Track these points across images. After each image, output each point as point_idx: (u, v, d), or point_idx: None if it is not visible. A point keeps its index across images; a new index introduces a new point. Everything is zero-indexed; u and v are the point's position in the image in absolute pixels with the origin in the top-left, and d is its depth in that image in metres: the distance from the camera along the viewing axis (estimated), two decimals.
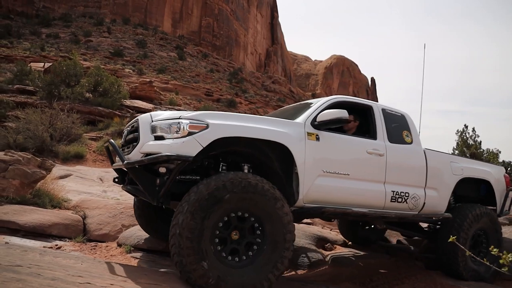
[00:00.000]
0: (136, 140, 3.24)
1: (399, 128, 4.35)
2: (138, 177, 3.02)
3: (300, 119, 3.67)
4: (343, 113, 3.50)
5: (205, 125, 2.98)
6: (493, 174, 5.16)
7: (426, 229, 5.19)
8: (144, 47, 60.38)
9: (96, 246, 4.73)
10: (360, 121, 4.40)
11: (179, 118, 3.05)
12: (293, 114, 3.92)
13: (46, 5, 70.53)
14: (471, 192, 5.17)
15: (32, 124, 11.45)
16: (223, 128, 3.05)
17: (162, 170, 2.95)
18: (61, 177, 7.99)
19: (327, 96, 4.57)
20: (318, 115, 3.63)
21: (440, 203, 4.49)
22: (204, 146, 2.90)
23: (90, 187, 7.86)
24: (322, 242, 5.78)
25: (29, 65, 27.38)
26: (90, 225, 5.22)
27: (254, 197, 2.92)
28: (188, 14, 79.26)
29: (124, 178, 3.90)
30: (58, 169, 8.34)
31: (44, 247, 4.14)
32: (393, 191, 4.00)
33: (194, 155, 2.87)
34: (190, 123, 2.97)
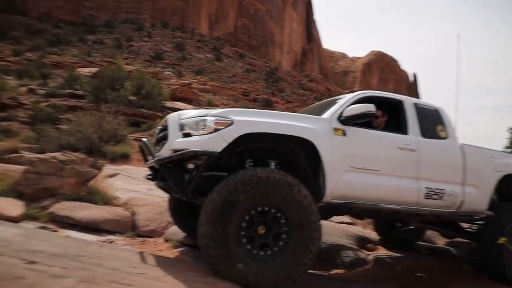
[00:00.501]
0: (166, 138, 3.38)
1: (433, 122, 4.20)
2: (168, 173, 3.16)
3: (326, 114, 3.66)
4: (369, 107, 3.46)
5: (230, 122, 3.06)
6: None
7: (469, 229, 4.98)
8: (182, 49, 62.06)
9: (144, 241, 5.01)
10: (390, 116, 4.31)
11: (205, 116, 3.16)
12: (320, 111, 3.91)
13: (91, 13, 74.43)
14: None
15: (83, 126, 12.20)
16: (248, 124, 3.12)
17: (190, 166, 3.06)
18: (110, 176, 8.45)
19: None
20: (344, 110, 3.61)
21: (480, 201, 4.27)
22: (229, 142, 2.98)
23: (137, 186, 8.26)
24: (363, 242, 5.72)
25: (77, 70, 29.11)
26: (138, 221, 5.52)
27: (267, 190, 2.93)
28: (224, 16, 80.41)
29: (156, 175, 4.01)
30: (107, 168, 8.84)
31: (98, 240, 4.45)
32: (427, 188, 3.88)
33: (219, 150, 2.96)
34: (215, 120, 3.07)
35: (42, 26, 65.87)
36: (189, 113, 3.38)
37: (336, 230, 5.86)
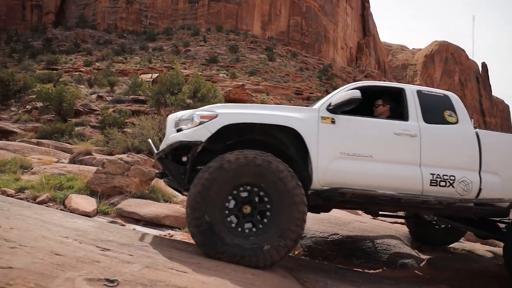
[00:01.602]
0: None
1: (439, 108, 3.99)
2: (165, 166, 3.48)
3: (317, 105, 3.78)
4: (354, 93, 3.49)
5: (215, 115, 3.34)
6: None
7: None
8: (236, 51, 63.50)
9: None
10: (392, 105, 4.21)
11: (194, 112, 3.47)
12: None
13: (151, 22, 79.03)
14: None
15: (145, 130, 13.15)
16: (231, 116, 3.35)
17: (184, 159, 3.32)
18: None
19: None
20: (332, 99, 3.68)
21: (505, 189, 3.88)
22: (213, 132, 3.24)
23: None
24: (417, 243, 5.59)
25: (139, 77, 31.24)
26: None
27: (247, 169, 3.06)
28: (277, 15, 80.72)
29: (163, 172, 4.24)
30: None
31: (159, 234, 4.90)
32: (433, 174, 3.67)
33: (203, 140, 3.23)
34: (201, 114, 3.39)
35: (109, 37, 71.42)
36: (185, 113, 3.71)
37: (388, 229, 5.79)
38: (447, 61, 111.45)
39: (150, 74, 37.81)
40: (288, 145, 3.51)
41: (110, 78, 33.65)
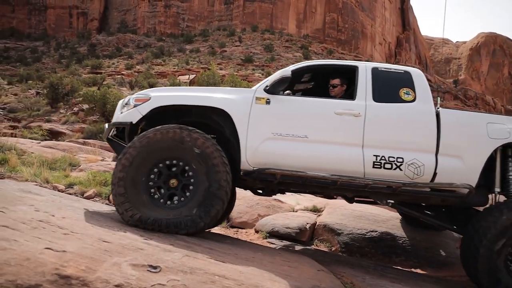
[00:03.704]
0: None
1: (395, 86, 3.67)
2: (113, 146, 3.73)
3: (256, 86, 3.76)
4: (283, 72, 3.48)
5: (148, 98, 3.51)
6: None
7: None
8: (271, 50, 63.54)
9: (237, 231, 5.48)
10: (347, 85, 3.99)
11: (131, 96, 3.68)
12: None
13: (188, 24, 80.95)
14: None
15: None
16: (162, 98, 3.52)
17: (126, 140, 3.54)
18: None
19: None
20: (268, 80, 3.63)
21: (465, 174, 3.45)
22: (144, 114, 3.43)
23: None
24: None
25: (178, 78, 32.14)
26: (232, 213, 6.03)
27: (165, 144, 3.14)
28: (312, 13, 79.84)
29: None
30: None
31: None
32: (377, 156, 3.40)
33: (134, 122, 3.44)
34: (135, 97, 3.61)
35: (148, 40, 74.01)
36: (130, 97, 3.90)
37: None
38: (495, 54, 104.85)
39: (188, 75, 38.82)
40: (223, 126, 3.54)
41: (150, 80, 34.93)
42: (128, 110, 3.58)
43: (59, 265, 1.92)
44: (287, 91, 3.89)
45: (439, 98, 3.79)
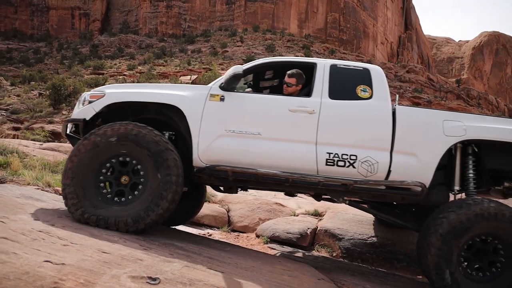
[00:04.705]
0: None
1: (352, 83, 3.64)
2: (71, 143, 3.75)
3: (213, 83, 3.75)
4: (235, 69, 3.49)
5: (103, 94, 3.55)
6: None
7: None
8: (273, 50, 63.44)
9: (238, 236, 5.47)
10: (306, 82, 3.88)
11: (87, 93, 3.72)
12: None
13: (190, 24, 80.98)
14: None
15: None
16: (116, 95, 3.53)
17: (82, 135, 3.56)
18: None
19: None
20: (223, 77, 3.63)
21: (419, 172, 3.42)
22: (97, 110, 3.48)
23: None
24: None
25: (179, 79, 32.16)
26: (233, 217, 6.03)
27: (116, 141, 3.15)
28: (314, 13, 79.73)
29: None
30: None
31: (199, 233, 5.04)
32: (330, 153, 3.39)
33: (88, 118, 3.49)
34: (91, 94, 3.64)
35: (150, 41, 74.08)
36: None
37: None
38: (498, 53, 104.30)
39: (189, 76, 38.81)
40: (178, 123, 3.54)
41: (152, 81, 34.96)
42: (84, 106, 3.62)
43: (58, 278, 1.92)
44: (248, 89, 3.93)
45: (397, 96, 3.76)
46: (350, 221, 5.14)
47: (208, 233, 5.36)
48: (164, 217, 3.17)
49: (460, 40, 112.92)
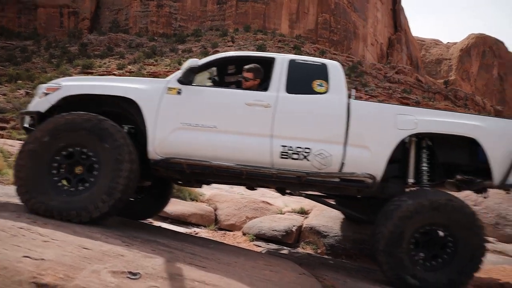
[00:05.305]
0: None
1: (309, 78, 3.72)
2: (27, 134, 3.70)
3: (170, 77, 3.76)
4: (191, 62, 3.54)
5: (59, 87, 3.54)
6: (484, 129, 3.55)
7: None
8: (264, 51, 63.53)
9: (225, 234, 5.51)
10: (264, 76, 3.94)
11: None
12: None
13: (181, 24, 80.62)
14: (465, 158, 3.73)
15: None
16: (72, 88, 3.54)
17: None
18: None
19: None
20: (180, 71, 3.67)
21: (372, 165, 3.49)
22: (53, 103, 3.47)
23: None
24: None
25: None
26: (220, 216, 6.07)
27: (69, 131, 3.18)
28: (305, 13, 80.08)
29: None
30: None
31: (185, 232, 5.06)
32: (284, 146, 3.45)
33: (43, 110, 3.48)
34: (47, 86, 3.63)
35: (140, 40, 73.51)
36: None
37: None
38: (485, 55, 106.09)
39: None
40: (135, 115, 3.56)
41: None
42: (40, 99, 3.61)
43: (36, 273, 1.93)
44: (209, 84, 3.96)
45: (353, 90, 3.86)
46: (335, 218, 5.20)
47: (194, 231, 5.38)
48: (117, 208, 3.19)
49: (448, 42, 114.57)
